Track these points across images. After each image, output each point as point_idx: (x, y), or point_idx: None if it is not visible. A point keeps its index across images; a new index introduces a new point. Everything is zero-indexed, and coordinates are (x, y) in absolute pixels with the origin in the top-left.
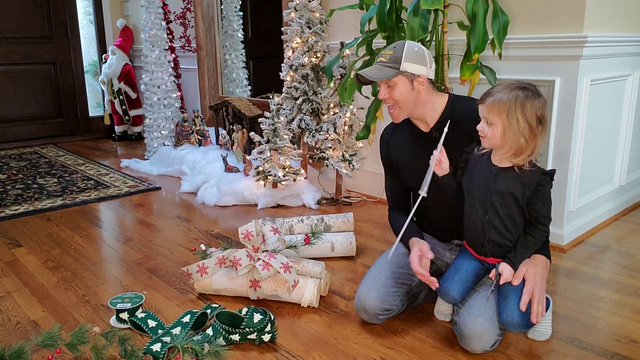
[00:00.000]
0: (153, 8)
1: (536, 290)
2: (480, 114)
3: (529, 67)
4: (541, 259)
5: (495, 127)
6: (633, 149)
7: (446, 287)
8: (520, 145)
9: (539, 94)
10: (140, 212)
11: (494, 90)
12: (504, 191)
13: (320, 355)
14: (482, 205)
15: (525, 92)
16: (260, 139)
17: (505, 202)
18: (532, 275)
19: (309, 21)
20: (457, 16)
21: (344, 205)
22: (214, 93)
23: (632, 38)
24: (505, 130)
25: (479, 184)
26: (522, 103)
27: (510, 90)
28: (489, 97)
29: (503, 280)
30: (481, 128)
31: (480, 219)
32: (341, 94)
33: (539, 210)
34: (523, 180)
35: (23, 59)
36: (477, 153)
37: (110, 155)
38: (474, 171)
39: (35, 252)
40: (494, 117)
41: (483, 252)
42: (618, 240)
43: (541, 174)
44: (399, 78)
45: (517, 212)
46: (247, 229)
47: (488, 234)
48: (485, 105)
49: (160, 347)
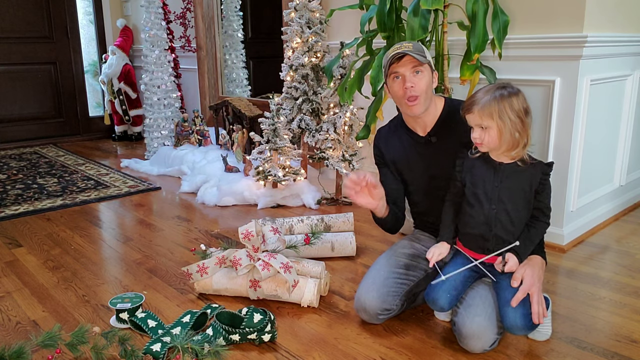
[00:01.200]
0: (153, 8)
1: (534, 290)
2: (472, 123)
3: (529, 67)
4: (537, 259)
5: (490, 130)
6: (633, 149)
7: (433, 296)
8: (516, 139)
9: (518, 89)
10: (140, 212)
11: (475, 98)
12: (512, 185)
13: (320, 355)
14: (489, 200)
15: (506, 90)
16: (260, 139)
17: (513, 196)
18: (529, 276)
19: (309, 21)
20: (457, 16)
21: (344, 205)
22: (214, 93)
23: (632, 38)
24: (501, 130)
25: (484, 181)
26: (509, 100)
27: (493, 93)
28: (475, 105)
29: (507, 269)
30: (476, 136)
31: (486, 214)
32: (341, 94)
33: (543, 201)
34: (529, 173)
35: (23, 59)
36: (472, 156)
37: (110, 155)
38: (474, 170)
39: (35, 252)
40: (487, 120)
41: (485, 249)
42: (618, 240)
43: (544, 165)
44: (426, 67)
45: (524, 205)
46: (247, 229)
47: (494, 229)
48: (475, 113)
49: (160, 347)
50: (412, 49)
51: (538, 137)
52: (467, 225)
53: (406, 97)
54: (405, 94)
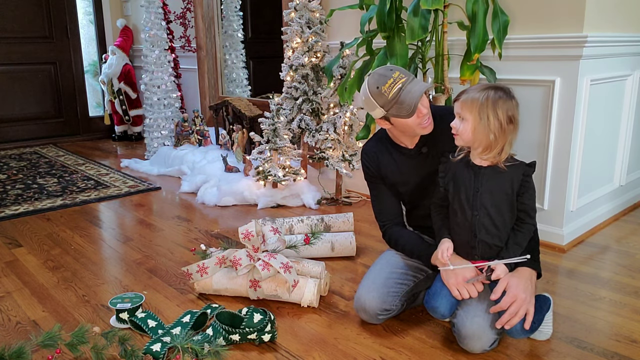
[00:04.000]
0: (153, 8)
1: (516, 302)
2: (455, 111)
3: (529, 67)
4: (525, 271)
5: (466, 122)
6: (633, 149)
7: (433, 304)
8: (490, 141)
9: (513, 97)
10: (140, 212)
11: (470, 89)
12: (493, 189)
13: (320, 355)
14: (470, 206)
15: (498, 92)
16: (260, 139)
17: (494, 200)
18: (512, 288)
19: (309, 21)
20: (457, 16)
21: (344, 205)
22: (214, 93)
23: (632, 38)
24: (476, 126)
25: (465, 186)
26: (493, 101)
27: (484, 90)
28: (464, 95)
29: (494, 277)
30: (454, 125)
31: (469, 220)
32: (341, 94)
33: (526, 202)
34: (509, 175)
35: (23, 59)
36: (453, 159)
37: (110, 155)
38: (456, 175)
39: (35, 252)
40: (466, 113)
41: (473, 255)
42: (618, 240)
43: (525, 166)
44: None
45: (507, 208)
46: (247, 229)
47: (479, 234)
48: (459, 102)
49: (160, 347)
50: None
51: (538, 137)
52: (453, 232)
53: (423, 123)
54: (422, 120)
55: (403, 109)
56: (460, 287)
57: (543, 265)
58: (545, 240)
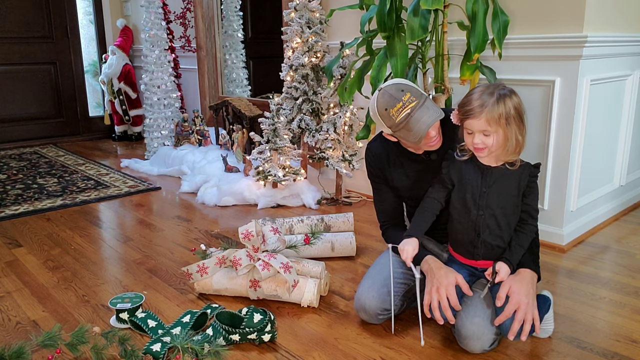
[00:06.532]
0: (153, 8)
1: (520, 309)
2: (477, 129)
3: (529, 67)
4: (526, 273)
5: (496, 135)
6: (633, 149)
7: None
8: (519, 141)
9: (511, 90)
10: (140, 212)
11: (474, 103)
12: (501, 189)
13: (320, 355)
14: (476, 205)
15: (507, 91)
16: (260, 139)
17: (501, 200)
18: (515, 293)
19: (309, 21)
20: (457, 16)
21: (344, 205)
22: (214, 93)
23: (632, 38)
24: (507, 134)
25: (472, 185)
26: (514, 104)
27: (497, 97)
28: (480, 110)
29: (499, 279)
30: (478, 142)
31: (473, 220)
32: (341, 94)
33: (530, 204)
34: (516, 176)
35: (23, 59)
36: (459, 159)
37: (110, 155)
38: (462, 175)
39: (35, 252)
40: (495, 126)
41: (475, 255)
42: (618, 240)
43: (532, 167)
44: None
45: (512, 209)
46: (247, 229)
47: (482, 234)
48: (483, 119)
49: (160, 347)
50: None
51: (538, 137)
52: (455, 231)
53: (430, 142)
54: (430, 141)
55: (410, 135)
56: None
57: (543, 265)
58: (546, 240)
